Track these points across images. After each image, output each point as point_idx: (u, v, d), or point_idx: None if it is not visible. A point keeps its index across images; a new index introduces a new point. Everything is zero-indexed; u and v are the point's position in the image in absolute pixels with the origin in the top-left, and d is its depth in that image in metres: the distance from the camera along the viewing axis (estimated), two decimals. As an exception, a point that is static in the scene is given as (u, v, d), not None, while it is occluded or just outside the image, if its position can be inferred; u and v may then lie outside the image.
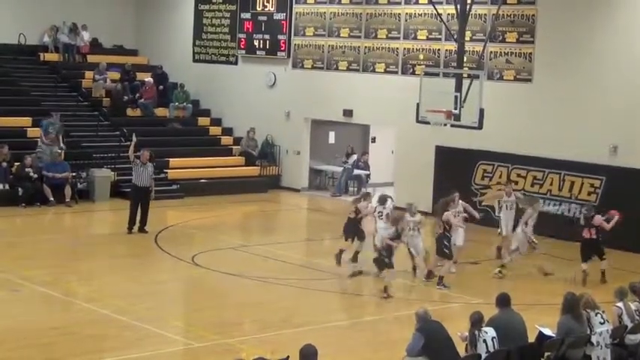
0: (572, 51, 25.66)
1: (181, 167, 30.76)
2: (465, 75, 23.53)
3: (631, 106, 24.51)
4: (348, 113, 30.87)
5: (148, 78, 33.63)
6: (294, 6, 32.20)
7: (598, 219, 20.49)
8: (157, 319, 16.53)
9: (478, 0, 25.52)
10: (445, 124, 23.68)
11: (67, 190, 27.33)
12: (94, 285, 18.97)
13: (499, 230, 22.15)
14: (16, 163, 27.35)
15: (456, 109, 22.67)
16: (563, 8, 25.82)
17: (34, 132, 29.17)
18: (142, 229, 23.72)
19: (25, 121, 30.02)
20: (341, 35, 30.97)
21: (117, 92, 32.79)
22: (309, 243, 23.03)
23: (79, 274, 19.98)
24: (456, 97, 22.74)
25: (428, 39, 28.73)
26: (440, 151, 28.11)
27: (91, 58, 34.65)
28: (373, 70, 30.11)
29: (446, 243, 19.60)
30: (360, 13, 30.45)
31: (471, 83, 22.85)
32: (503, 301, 13.24)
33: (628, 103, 24.57)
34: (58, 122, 28.66)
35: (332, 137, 33.61)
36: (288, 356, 11.38)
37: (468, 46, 25.76)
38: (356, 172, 32.50)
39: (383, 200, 20.76)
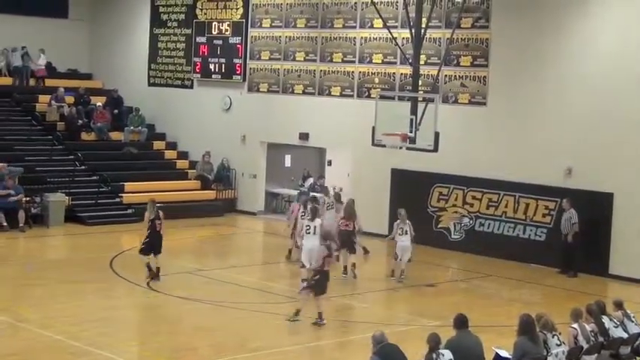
0: (525, 75, 25.81)
1: (136, 191, 30.49)
2: (420, 98, 23.59)
3: (584, 128, 24.68)
4: (304, 136, 30.87)
5: (98, 102, 33.46)
6: (249, 30, 32.20)
7: None
8: (112, 344, 16.34)
9: (433, 24, 25.63)
10: (401, 147, 23.71)
11: (21, 215, 27.02)
12: (47, 311, 18.67)
13: None
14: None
15: (411, 132, 22.70)
16: (515, 33, 25.99)
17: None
18: None
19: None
20: (296, 59, 31.00)
21: (71, 116, 32.57)
22: (265, 266, 22.91)
23: (32, 300, 19.70)
24: (411, 120, 22.78)
25: (383, 62, 28.83)
26: (396, 173, 28.17)
27: (45, 82, 34.40)
28: (329, 94, 30.14)
29: None
30: (316, 37, 30.51)
31: (426, 106, 22.89)
32: (461, 322, 13.22)
33: (581, 126, 24.74)
34: (10, 170, 28.23)
35: (288, 160, 33.56)
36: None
37: (423, 70, 25.85)
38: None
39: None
